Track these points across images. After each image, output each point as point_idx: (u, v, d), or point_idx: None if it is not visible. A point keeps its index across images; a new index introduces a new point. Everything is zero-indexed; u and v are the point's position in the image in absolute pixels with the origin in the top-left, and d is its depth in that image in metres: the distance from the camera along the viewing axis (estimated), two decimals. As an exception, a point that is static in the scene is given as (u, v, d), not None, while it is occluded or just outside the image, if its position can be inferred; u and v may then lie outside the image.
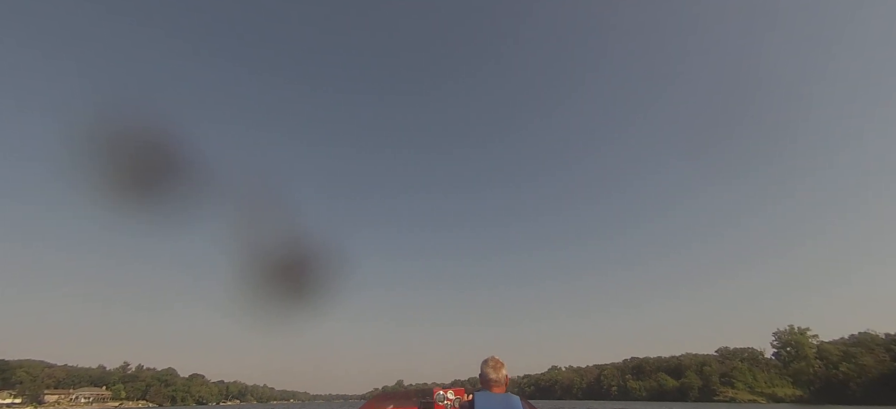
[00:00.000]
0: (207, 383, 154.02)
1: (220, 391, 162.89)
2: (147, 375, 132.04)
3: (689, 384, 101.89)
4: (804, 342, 75.35)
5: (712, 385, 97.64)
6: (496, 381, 2.86)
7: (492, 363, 2.92)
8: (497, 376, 2.86)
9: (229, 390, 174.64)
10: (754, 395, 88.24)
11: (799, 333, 76.84)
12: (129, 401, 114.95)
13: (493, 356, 2.97)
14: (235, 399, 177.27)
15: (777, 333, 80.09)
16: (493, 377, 2.86)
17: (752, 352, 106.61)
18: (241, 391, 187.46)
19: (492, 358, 2.95)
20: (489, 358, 2.96)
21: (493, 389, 2.86)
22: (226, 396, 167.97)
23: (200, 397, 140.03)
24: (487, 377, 2.88)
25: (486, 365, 2.93)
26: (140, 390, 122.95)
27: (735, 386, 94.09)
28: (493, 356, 2.97)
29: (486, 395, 2.78)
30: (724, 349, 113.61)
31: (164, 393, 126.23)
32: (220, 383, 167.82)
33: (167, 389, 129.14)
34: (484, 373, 2.92)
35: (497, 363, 2.91)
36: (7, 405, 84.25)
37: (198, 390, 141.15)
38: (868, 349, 69.60)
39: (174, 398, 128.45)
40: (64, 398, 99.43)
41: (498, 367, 2.89)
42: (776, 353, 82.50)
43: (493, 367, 2.89)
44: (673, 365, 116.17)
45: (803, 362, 73.70)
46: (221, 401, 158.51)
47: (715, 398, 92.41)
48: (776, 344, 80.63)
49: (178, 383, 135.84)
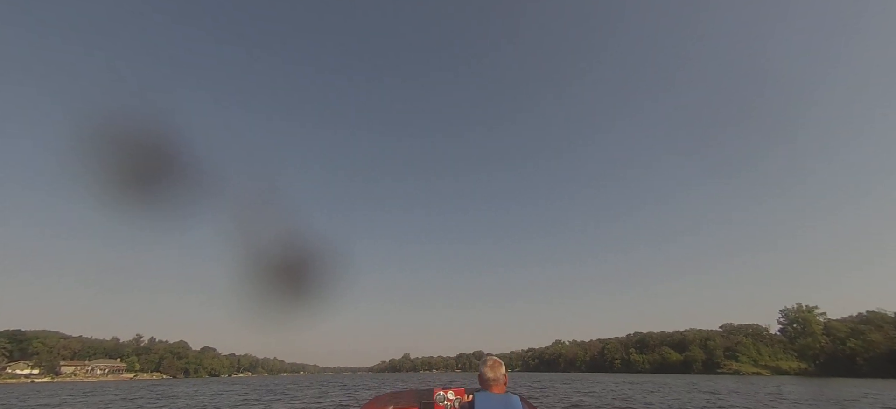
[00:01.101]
0: (219, 356, 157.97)
1: (232, 363, 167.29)
2: (160, 348, 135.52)
3: (693, 358, 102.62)
4: (811, 319, 74.83)
5: (716, 359, 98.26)
6: (495, 380, 2.83)
7: (490, 363, 2.90)
8: (495, 375, 2.84)
9: (240, 363, 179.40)
10: (758, 368, 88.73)
11: (807, 310, 76.25)
12: (143, 373, 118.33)
13: (491, 356, 2.95)
14: (246, 372, 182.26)
15: (784, 310, 79.55)
16: (491, 376, 2.83)
17: (757, 328, 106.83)
18: (252, 363, 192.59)
19: (490, 358, 2.93)
20: (487, 358, 2.94)
21: (493, 388, 2.83)
22: (237, 368, 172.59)
23: (212, 369, 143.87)
24: (486, 377, 2.85)
25: (484, 365, 2.91)
26: (153, 362, 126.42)
27: (739, 360, 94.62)
28: (491, 356, 2.95)
29: (486, 395, 2.73)
30: (729, 324, 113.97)
31: (177, 366, 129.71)
32: (232, 356, 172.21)
33: (180, 361, 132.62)
34: (482, 373, 2.89)
35: (495, 363, 2.89)
36: (25, 374, 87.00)
37: (209, 362, 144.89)
38: (877, 327, 69.01)
39: (187, 371, 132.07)
40: (80, 369, 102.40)
41: (496, 367, 2.87)
42: (782, 329, 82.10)
43: (491, 367, 2.87)
44: (677, 339, 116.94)
45: (810, 337, 73.34)
46: (233, 373, 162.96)
47: (718, 371, 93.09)
48: (783, 321, 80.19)
49: (190, 356, 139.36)
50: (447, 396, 3.76)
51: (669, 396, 20.55)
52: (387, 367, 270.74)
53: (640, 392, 23.26)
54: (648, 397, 19.78)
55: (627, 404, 16.23)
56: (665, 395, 21.10)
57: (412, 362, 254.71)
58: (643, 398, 19.29)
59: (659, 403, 16.50)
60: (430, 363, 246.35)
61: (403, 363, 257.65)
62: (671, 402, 16.96)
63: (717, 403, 16.94)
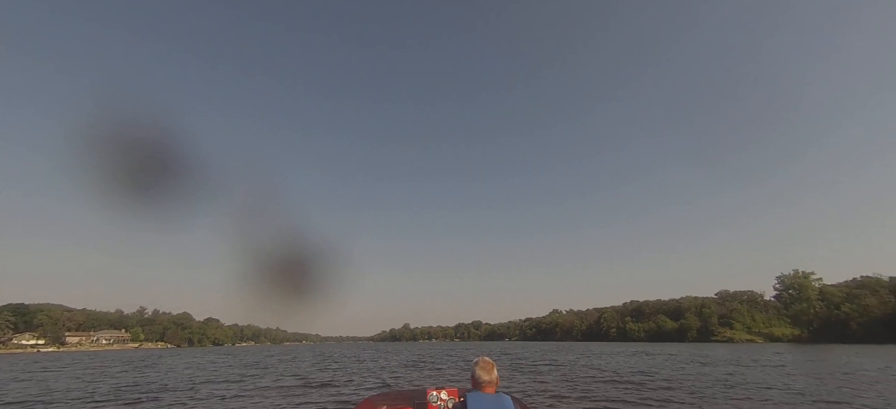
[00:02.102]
0: (222, 326, 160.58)
1: (235, 333, 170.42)
2: (164, 319, 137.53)
3: (688, 325, 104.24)
4: (807, 285, 75.42)
5: (711, 326, 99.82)
6: (488, 382, 2.85)
7: (483, 364, 2.90)
8: (489, 377, 2.85)
9: (243, 332, 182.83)
10: (752, 335, 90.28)
11: (803, 276, 76.76)
12: (148, 342, 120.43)
13: (484, 357, 2.96)
14: (250, 341, 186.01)
15: (780, 276, 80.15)
16: (485, 378, 2.84)
17: (752, 294, 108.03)
18: (255, 333, 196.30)
19: (482, 360, 2.93)
20: (480, 360, 2.94)
21: (485, 389, 2.84)
22: (240, 338, 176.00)
23: (216, 339, 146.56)
24: (480, 379, 2.86)
25: (478, 366, 2.90)
26: (158, 332, 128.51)
27: (733, 327, 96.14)
28: (484, 357, 2.96)
29: (478, 396, 2.73)
30: (724, 291, 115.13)
31: (181, 336, 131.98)
32: (235, 326, 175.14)
33: (184, 332, 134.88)
34: (476, 374, 2.88)
35: (487, 365, 2.90)
36: (31, 345, 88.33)
37: (213, 332, 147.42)
38: (872, 291, 69.62)
39: (191, 341, 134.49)
40: (85, 340, 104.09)
41: (489, 368, 2.88)
42: (777, 295, 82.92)
43: (484, 368, 2.87)
44: (672, 307, 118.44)
45: (805, 303, 74.16)
46: (236, 343, 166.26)
47: (712, 338, 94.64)
48: (779, 287, 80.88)
49: (193, 326, 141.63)
50: (440, 396, 3.77)
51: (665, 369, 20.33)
52: (387, 336, 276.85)
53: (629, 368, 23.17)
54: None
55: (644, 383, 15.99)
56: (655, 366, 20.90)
57: (412, 331, 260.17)
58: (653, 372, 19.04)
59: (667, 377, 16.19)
60: (429, 332, 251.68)
61: (403, 332, 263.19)
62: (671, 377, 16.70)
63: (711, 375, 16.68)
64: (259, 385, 15.32)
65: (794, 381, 14.00)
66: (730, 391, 11.58)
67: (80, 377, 19.86)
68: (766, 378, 14.84)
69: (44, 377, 20.98)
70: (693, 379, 14.81)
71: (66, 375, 21.78)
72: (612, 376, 16.47)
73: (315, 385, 15.02)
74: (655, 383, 13.97)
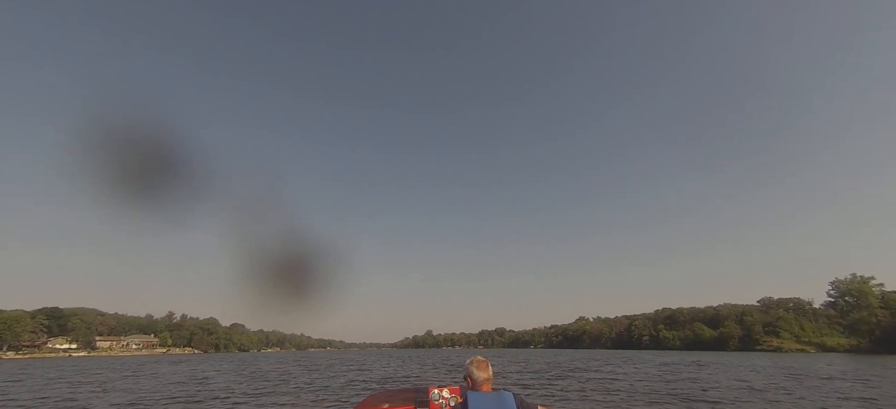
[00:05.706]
0: (247, 331, 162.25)
1: (260, 339, 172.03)
2: (191, 324, 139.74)
3: (729, 334, 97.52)
4: (867, 291, 68.82)
5: (754, 335, 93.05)
6: (486, 379, 2.82)
7: (476, 362, 2.89)
8: (486, 375, 2.83)
9: (268, 338, 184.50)
10: (801, 344, 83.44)
11: (861, 281, 70.17)
12: (175, 348, 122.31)
13: (477, 356, 2.98)
14: (275, 347, 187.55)
15: (835, 282, 73.60)
16: (483, 376, 2.82)
17: (799, 302, 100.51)
18: (280, 339, 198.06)
19: (476, 358, 2.94)
20: (473, 359, 2.94)
21: (482, 388, 2.81)
22: (265, 343, 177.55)
23: (242, 344, 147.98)
24: (476, 378, 2.84)
25: (473, 365, 2.88)
26: (185, 338, 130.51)
27: (780, 336, 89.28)
28: (477, 356, 2.98)
29: (478, 394, 2.73)
30: (768, 298, 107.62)
31: (207, 341, 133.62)
32: (260, 332, 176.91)
33: (210, 337, 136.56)
34: (471, 374, 2.87)
35: (481, 363, 2.88)
36: (64, 349, 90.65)
37: (239, 338, 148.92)
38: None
39: (217, 346, 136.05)
40: (115, 345, 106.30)
41: (484, 366, 2.87)
42: (832, 302, 76.27)
43: (480, 367, 2.86)
44: (710, 315, 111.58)
45: (865, 311, 67.55)
46: (262, 349, 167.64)
47: (757, 347, 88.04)
48: (833, 294, 74.36)
49: (219, 331, 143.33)
50: (442, 394, 3.70)
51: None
52: (410, 343, 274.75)
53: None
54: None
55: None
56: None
57: (435, 338, 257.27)
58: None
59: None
60: (452, 339, 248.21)
61: (426, 339, 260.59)
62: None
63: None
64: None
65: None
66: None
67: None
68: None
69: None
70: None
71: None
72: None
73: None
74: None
